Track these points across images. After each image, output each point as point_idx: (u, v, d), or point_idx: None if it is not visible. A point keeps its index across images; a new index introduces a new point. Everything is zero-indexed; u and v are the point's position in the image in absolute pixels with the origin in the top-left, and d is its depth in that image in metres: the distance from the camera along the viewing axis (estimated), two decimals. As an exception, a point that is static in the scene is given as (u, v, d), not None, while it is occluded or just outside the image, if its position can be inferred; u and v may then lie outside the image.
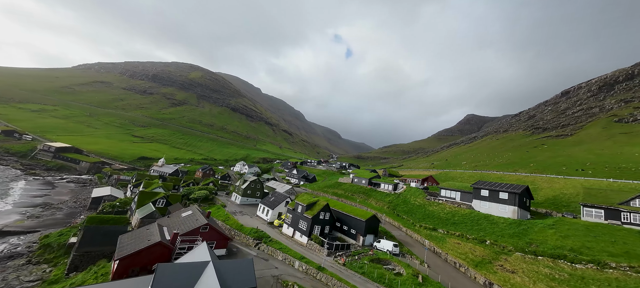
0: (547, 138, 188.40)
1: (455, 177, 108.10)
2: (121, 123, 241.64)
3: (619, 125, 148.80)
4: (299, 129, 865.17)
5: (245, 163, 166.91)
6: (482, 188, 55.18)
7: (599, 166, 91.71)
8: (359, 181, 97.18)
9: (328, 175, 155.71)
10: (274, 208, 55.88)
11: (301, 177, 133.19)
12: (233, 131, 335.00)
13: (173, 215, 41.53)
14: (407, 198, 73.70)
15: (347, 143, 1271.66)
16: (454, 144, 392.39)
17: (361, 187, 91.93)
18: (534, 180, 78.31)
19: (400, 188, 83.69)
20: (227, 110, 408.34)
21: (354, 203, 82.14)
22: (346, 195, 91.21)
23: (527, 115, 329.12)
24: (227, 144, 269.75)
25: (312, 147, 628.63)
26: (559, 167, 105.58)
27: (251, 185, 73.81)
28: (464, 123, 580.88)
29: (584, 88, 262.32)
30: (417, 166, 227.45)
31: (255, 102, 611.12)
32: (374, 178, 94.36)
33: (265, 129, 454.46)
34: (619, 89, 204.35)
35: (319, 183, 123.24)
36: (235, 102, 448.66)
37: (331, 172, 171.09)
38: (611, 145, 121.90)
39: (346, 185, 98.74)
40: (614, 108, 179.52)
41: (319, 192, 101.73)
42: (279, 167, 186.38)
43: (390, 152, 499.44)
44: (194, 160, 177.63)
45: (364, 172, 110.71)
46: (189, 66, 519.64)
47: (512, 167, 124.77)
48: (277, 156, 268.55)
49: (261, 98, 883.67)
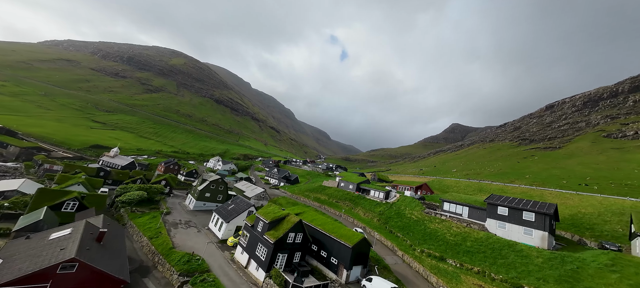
0: (536, 149, 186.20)
1: (450, 186, 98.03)
2: (82, 106, 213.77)
3: (608, 140, 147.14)
4: (288, 127, 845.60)
5: (221, 159, 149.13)
6: (499, 205, 43.62)
7: (603, 182, 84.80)
8: (345, 186, 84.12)
9: (313, 177, 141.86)
10: (229, 221, 40.94)
11: (282, 178, 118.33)
12: (214, 124, 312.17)
13: (40, 234, 25.51)
14: (402, 209, 61.42)
15: (336, 144, 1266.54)
16: (440, 150, 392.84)
17: (348, 193, 78.85)
18: (542, 195, 68.81)
19: (392, 197, 71.52)
20: (210, 101, 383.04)
21: (338, 213, 68.85)
22: (330, 201, 77.77)
23: (513, 126, 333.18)
24: (206, 137, 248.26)
25: (300, 147, 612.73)
26: (557, 180, 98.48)
27: (211, 187, 58.18)
28: (449, 131, 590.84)
29: (569, 103, 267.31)
30: (405, 171, 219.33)
31: (243, 96, 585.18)
32: (363, 184, 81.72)
33: (251, 124, 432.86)
34: (604, 106, 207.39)
35: (301, 185, 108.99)
36: (220, 93, 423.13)
37: (316, 173, 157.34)
38: (606, 160, 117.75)
39: (331, 190, 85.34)
40: (601, 123, 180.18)
41: (300, 197, 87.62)
42: (260, 165, 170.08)
43: (378, 155, 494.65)
44: (162, 152, 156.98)
45: (352, 175, 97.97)
46: (171, 52, 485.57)
47: (507, 177, 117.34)
48: (260, 153, 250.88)
49: (250, 93, 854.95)
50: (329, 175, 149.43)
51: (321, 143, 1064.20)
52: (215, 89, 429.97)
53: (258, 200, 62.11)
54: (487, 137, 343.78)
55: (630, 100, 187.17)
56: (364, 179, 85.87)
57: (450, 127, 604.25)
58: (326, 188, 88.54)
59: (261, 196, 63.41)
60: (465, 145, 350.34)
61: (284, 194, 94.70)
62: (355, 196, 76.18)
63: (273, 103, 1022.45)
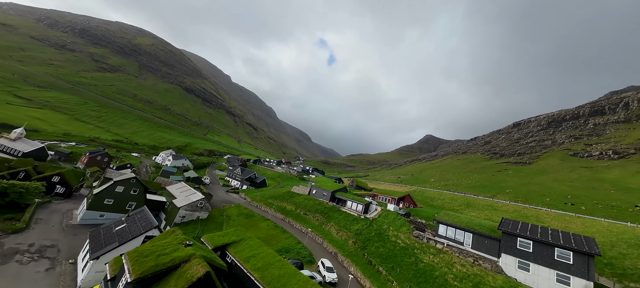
0: (507, 163, 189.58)
1: (434, 198, 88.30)
2: (5, 77, 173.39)
3: (575, 159, 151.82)
4: (268, 125, 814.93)
5: (174, 153, 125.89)
6: (519, 237, 31.85)
7: (587, 202, 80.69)
8: (318, 194, 69.32)
9: (284, 180, 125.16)
10: (100, 255, 23.38)
11: (245, 180, 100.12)
12: (180, 114, 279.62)
13: None
14: (384, 229, 48.23)
15: (317, 147, 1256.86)
16: (416, 159, 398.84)
17: (320, 204, 64.07)
18: (538, 216, 60.32)
19: (373, 211, 58.33)
20: (178, 89, 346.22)
21: (305, 230, 53.69)
22: (297, 213, 62.32)
23: (483, 140, 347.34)
24: (165, 127, 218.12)
25: (279, 146, 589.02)
26: (540, 197, 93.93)
27: (116, 190, 39.79)
28: (423, 141, 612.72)
29: (534, 122, 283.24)
30: (384, 178, 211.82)
31: (219, 88, 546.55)
32: (339, 192, 67.62)
33: (225, 118, 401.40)
34: (567, 126, 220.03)
35: (266, 190, 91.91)
36: (191, 82, 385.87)
37: (289, 176, 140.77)
38: (578, 178, 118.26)
39: (301, 198, 69.92)
40: (566, 142, 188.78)
41: (260, 206, 70.84)
42: (224, 163, 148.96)
43: (357, 160, 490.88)
44: (98, 141, 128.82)
45: (327, 181, 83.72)
46: (138, 30, 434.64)
47: (487, 190, 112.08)
48: (230, 150, 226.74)
49: (230, 87, 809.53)
50: (303, 179, 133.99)
51: (302, 145, 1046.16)
52: (186, 77, 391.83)
53: (191, 212, 44.60)
54: (460, 149, 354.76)
55: (591, 123, 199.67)
56: (340, 187, 71.87)
57: (424, 137, 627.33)
58: (295, 195, 72.90)
59: (197, 206, 45.81)
60: (440, 155, 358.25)
61: (242, 201, 77.07)
62: (329, 207, 61.65)
63: (254, 99, 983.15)
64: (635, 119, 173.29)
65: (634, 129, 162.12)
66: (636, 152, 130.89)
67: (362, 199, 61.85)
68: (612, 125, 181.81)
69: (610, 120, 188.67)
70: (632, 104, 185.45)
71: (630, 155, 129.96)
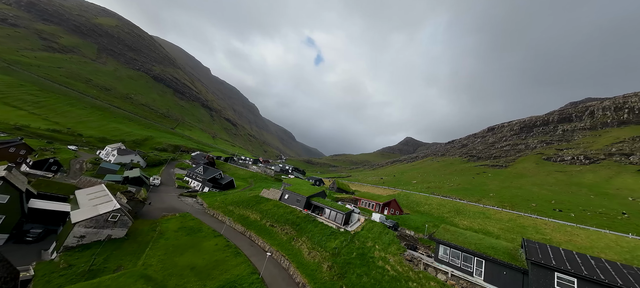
0: (485, 166, 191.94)
1: (420, 203, 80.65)
2: None
3: (549, 163, 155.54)
4: (249, 122, 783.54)
5: (123, 146, 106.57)
6: (557, 271, 22.81)
7: (574, 208, 77.80)
8: (291, 199, 57.57)
9: (257, 181, 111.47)
10: None
11: (208, 180, 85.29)
12: (144, 104, 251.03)
13: None
14: (369, 249, 38.06)
15: (301, 146, 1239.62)
16: (397, 160, 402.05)
17: (292, 212, 52.42)
18: (537, 226, 53.91)
19: (355, 222, 48.04)
20: (145, 77, 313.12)
21: (268, 248, 41.78)
22: (262, 224, 50.10)
23: (460, 143, 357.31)
24: (124, 117, 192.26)
25: (260, 144, 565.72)
26: (524, 202, 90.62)
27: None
28: (404, 143, 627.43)
29: (507, 127, 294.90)
30: (366, 179, 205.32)
31: (196, 80, 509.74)
32: (316, 197, 56.45)
33: (200, 112, 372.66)
34: (537, 132, 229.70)
35: (231, 194, 78.18)
36: (162, 70, 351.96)
37: (264, 176, 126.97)
38: (555, 182, 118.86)
39: (269, 205, 57.67)
40: (538, 147, 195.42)
41: (218, 214, 57.49)
42: (187, 161, 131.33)
43: (340, 161, 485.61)
44: (28, 129, 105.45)
45: (303, 184, 72.21)
46: (101, 9, 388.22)
47: (470, 194, 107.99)
48: (201, 146, 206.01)
49: (209, 80, 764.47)
50: (280, 180, 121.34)
51: (285, 143, 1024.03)
52: (155, 64, 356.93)
53: (96, 229, 30.66)
54: (439, 151, 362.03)
55: (560, 129, 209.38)
56: (318, 190, 60.63)
57: (404, 139, 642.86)
58: (263, 201, 60.43)
59: (106, 220, 31.72)
60: (420, 157, 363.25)
61: (196, 207, 62.91)
62: (302, 217, 50.20)
63: (236, 95, 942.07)
64: (600, 127, 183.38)
65: (600, 136, 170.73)
66: (605, 157, 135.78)
67: (342, 207, 51.16)
68: (579, 132, 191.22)
69: (577, 127, 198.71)
70: (597, 112, 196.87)
71: (600, 161, 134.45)
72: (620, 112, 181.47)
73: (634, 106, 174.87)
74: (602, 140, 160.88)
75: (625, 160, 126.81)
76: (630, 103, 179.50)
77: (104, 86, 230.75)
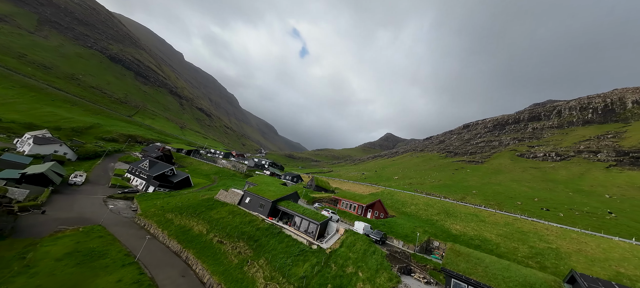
0: (462, 162, 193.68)
1: (406, 203, 72.39)
2: None
3: (523, 159, 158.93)
4: (227, 114, 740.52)
5: (48, 133, 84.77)
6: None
7: (560, 207, 74.74)
8: (253, 203, 44.82)
9: (224, 178, 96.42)
10: None
11: (155, 178, 69.01)
12: (95, 87, 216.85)
13: None
14: (348, 279, 27.28)
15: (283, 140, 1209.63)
16: (378, 155, 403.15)
17: (252, 221, 39.84)
18: (538, 231, 47.35)
19: (332, 234, 36.91)
20: (99, 56, 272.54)
21: (208, 279, 29.01)
22: (207, 241, 36.88)
23: (438, 139, 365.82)
24: (65, 101, 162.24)
25: (238, 137, 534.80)
26: (508, 199, 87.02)
27: None
28: (384, 139, 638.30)
29: (481, 124, 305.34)
30: (348, 174, 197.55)
31: (163, 64, 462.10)
32: (284, 201, 44.24)
33: (167, 99, 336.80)
34: (510, 129, 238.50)
35: (180, 196, 63.14)
36: (120, 50, 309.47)
37: (232, 172, 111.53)
38: (531, 179, 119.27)
39: (224, 211, 44.43)
40: (511, 144, 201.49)
41: (151, 225, 43.00)
42: (137, 153, 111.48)
43: (322, 155, 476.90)
44: None
45: (271, 182, 59.42)
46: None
47: (453, 191, 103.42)
48: (164, 138, 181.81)
49: (181, 66, 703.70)
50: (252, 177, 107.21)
51: (267, 137, 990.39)
52: (113, 43, 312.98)
53: None
54: (418, 147, 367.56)
55: (530, 127, 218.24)
56: (288, 192, 48.43)
57: (385, 135, 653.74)
58: (218, 205, 46.89)
59: None
60: (399, 152, 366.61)
61: (128, 214, 47.61)
62: (264, 228, 37.90)
63: (212, 84, 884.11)
64: (567, 125, 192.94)
65: (567, 134, 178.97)
66: (575, 154, 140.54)
67: (317, 214, 39.57)
68: (548, 130, 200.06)
69: (546, 125, 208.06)
70: (564, 111, 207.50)
71: (570, 158, 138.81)
72: (585, 111, 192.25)
73: (597, 107, 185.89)
74: (570, 138, 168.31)
75: (593, 158, 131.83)
76: (594, 104, 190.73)
77: (43, 64, 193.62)
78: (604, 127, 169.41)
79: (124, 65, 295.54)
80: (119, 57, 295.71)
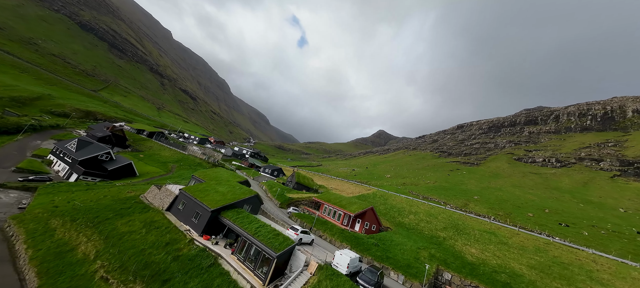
0: (457, 162, 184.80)
1: (403, 211, 59.46)
2: None
3: (521, 163, 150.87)
4: (217, 99, 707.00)
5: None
6: None
7: (579, 222, 64.21)
8: (187, 211, 29.85)
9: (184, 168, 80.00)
10: None
11: (81, 163, 52.55)
12: (57, 55, 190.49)
13: None
14: None
15: (275, 131, 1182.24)
16: (369, 152, 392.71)
17: (174, 242, 25.16)
18: (581, 263, 35.12)
19: (296, 275, 22.81)
20: (67, 22, 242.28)
21: None
22: (85, 276, 21.82)
23: (431, 138, 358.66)
24: (14, 67, 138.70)
25: (226, 124, 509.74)
26: (515, 209, 76.20)
27: None
28: (376, 136, 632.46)
29: (476, 125, 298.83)
30: (337, 169, 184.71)
31: (145, 39, 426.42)
32: (231, 211, 29.59)
33: (146, 77, 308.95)
34: (505, 132, 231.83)
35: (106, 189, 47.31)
36: (93, 17, 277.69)
37: (198, 161, 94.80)
38: (534, 185, 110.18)
39: (137, 223, 29.31)
40: (507, 146, 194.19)
41: (19, 237, 27.26)
42: (79, 132, 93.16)
43: (313, 148, 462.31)
44: None
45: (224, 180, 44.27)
46: None
47: (452, 195, 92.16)
48: (132, 117, 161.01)
49: (168, 44, 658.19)
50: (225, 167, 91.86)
51: (258, 126, 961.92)
52: (86, 9, 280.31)
53: None
54: (410, 145, 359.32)
55: (526, 131, 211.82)
56: (242, 196, 33.71)
57: (377, 132, 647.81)
58: (136, 210, 31.69)
59: None
60: (391, 149, 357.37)
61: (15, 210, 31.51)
62: (189, 257, 23.42)
63: (203, 66, 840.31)
64: (564, 131, 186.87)
65: (565, 140, 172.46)
66: (576, 161, 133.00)
67: (276, 236, 25.06)
68: (544, 135, 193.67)
69: (542, 129, 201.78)
70: (562, 117, 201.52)
71: (572, 165, 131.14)
72: (583, 118, 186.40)
73: (597, 114, 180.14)
74: (568, 144, 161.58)
75: (596, 166, 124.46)
76: (593, 110, 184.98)
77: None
78: (603, 135, 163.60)
79: (97, 35, 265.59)
80: (90, 24, 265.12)
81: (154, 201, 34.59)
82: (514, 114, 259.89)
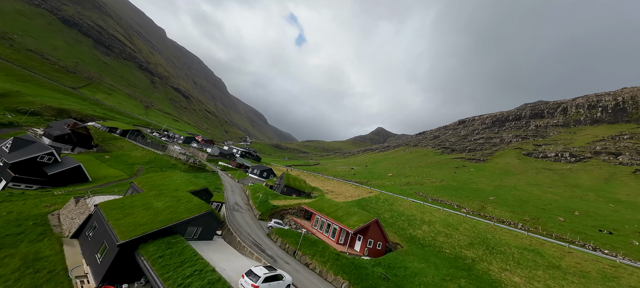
0: (461, 159, 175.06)
1: (414, 220, 48.99)
2: None
3: (532, 159, 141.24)
4: (213, 98, 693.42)
5: None
6: None
7: (622, 229, 54.19)
8: (94, 241, 19.08)
9: (154, 170, 69.26)
10: None
11: (16, 165, 41.59)
12: (34, 51, 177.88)
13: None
14: None
15: (273, 130, 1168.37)
16: (368, 149, 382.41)
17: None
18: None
19: None
20: (48, 16, 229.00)
21: None
22: None
23: (432, 135, 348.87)
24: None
25: (221, 124, 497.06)
26: (542, 212, 66.11)
27: None
28: (375, 133, 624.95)
29: (478, 120, 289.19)
30: (335, 168, 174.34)
31: (134, 36, 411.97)
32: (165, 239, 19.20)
33: (135, 75, 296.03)
34: (510, 126, 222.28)
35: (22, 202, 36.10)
36: (77, 13, 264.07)
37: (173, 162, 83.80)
38: (551, 183, 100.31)
39: (17, 260, 18.62)
40: (513, 141, 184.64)
41: None
42: (36, 130, 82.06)
43: (311, 147, 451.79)
44: None
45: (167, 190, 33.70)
46: None
47: (465, 196, 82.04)
48: (113, 115, 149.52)
49: (162, 43, 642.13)
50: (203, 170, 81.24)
51: (256, 125, 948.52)
52: (68, 4, 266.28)
53: None
54: (411, 141, 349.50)
55: (532, 124, 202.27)
56: (187, 215, 23.19)
57: (376, 129, 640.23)
58: (28, 235, 21.01)
59: None
60: (391, 147, 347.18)
61: None
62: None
63: (198, 65, 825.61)
64: (573, 124, 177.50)
65: (575, 133, 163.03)
66: (592, 156, 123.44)
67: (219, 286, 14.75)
68: (552, 128, 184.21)
69: (550, 123, 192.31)
70: (570, 109, 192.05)
71: (588, 160, 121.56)
72: (593, 110, 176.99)
73: (608, 105, 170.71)
74: (580, 137, 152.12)
75: (614, 160, 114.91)
76: (603, 102, 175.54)
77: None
78: (615, 127, 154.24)
79: (81, 31, 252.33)
80: (74, 20, 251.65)
81: (65, 222, 23.87)
82: (517, 108, 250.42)
